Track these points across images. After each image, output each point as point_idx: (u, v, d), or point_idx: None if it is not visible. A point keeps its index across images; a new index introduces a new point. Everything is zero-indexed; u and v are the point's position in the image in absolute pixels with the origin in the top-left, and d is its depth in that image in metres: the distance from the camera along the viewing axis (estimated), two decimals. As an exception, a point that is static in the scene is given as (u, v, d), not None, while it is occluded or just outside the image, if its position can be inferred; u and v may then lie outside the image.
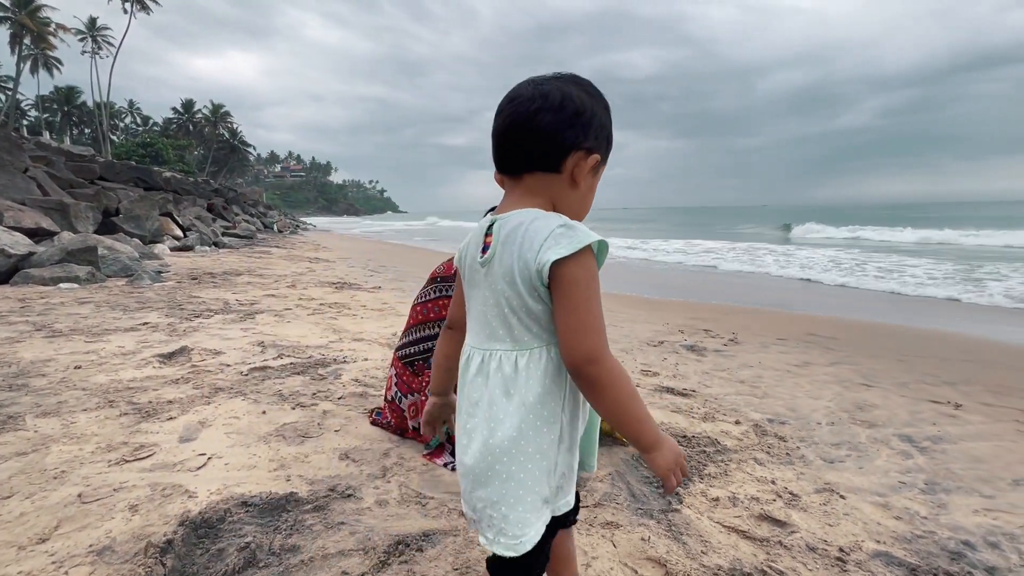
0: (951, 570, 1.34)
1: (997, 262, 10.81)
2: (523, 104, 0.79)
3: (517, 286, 0.77)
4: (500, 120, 0.82)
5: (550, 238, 0.74)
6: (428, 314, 1.91)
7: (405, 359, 1.94)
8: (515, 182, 0.83)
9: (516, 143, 0.81)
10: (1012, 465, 2.07)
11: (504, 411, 0.78)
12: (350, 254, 12.20)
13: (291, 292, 5.54)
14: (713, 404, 2.61)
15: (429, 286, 1.94)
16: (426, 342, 1.90)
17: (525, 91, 0.81)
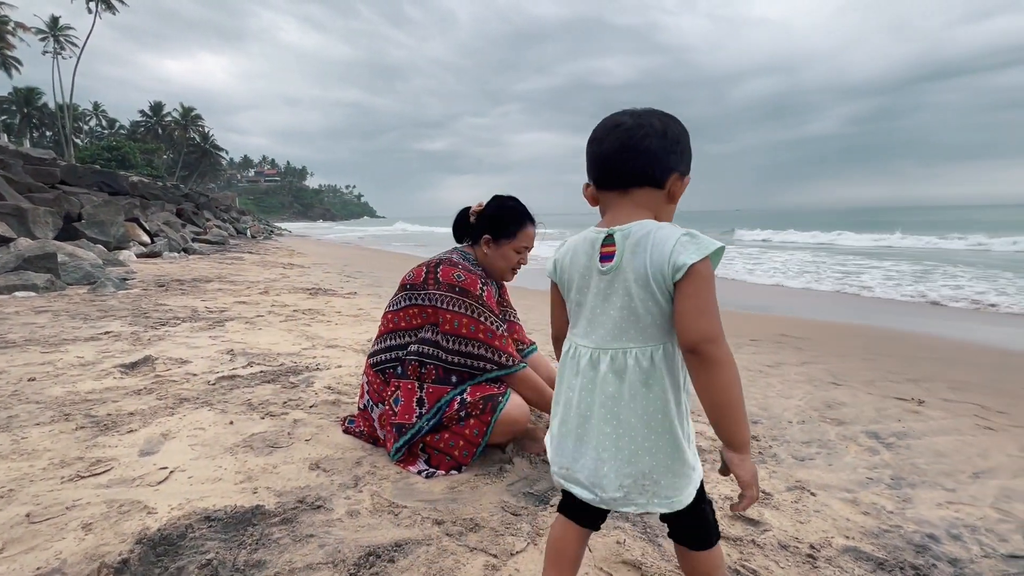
0: (916, 563, 1.37)
1: (953, 264, 11.29)
2: (631, 131, 0.92)
3: (650, 287, 0.88)
4: (607, 143, 0.94)
5: (678, 245, 0.86)
6: (399, 322, 1.88)
7: (376, 367, 1.90)
8: (623, 196, 0.95)
9: (628, 162, 0.92)
10: (972, 458, 2.15)
11: (647, 399, 0.90)
12: (326, 259, 12.00)
13: (263, 299, 5.41)
14: (689, 405, 2.63)
15: (400, 294, 1.90)
16: (396, 351, 1.87)
17: (627, 120, 0.93)
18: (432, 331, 1.80)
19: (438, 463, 1.74)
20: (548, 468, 1.77)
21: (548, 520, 1.47)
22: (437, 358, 1.78)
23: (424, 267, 1.88)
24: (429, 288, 1.81)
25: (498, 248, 1.89)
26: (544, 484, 1.68)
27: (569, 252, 0.99)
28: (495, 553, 1.31)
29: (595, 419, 0.93)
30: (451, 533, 1.38)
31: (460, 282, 1.79)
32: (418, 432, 1.73)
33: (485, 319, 1.78)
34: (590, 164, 0.97)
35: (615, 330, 0.92)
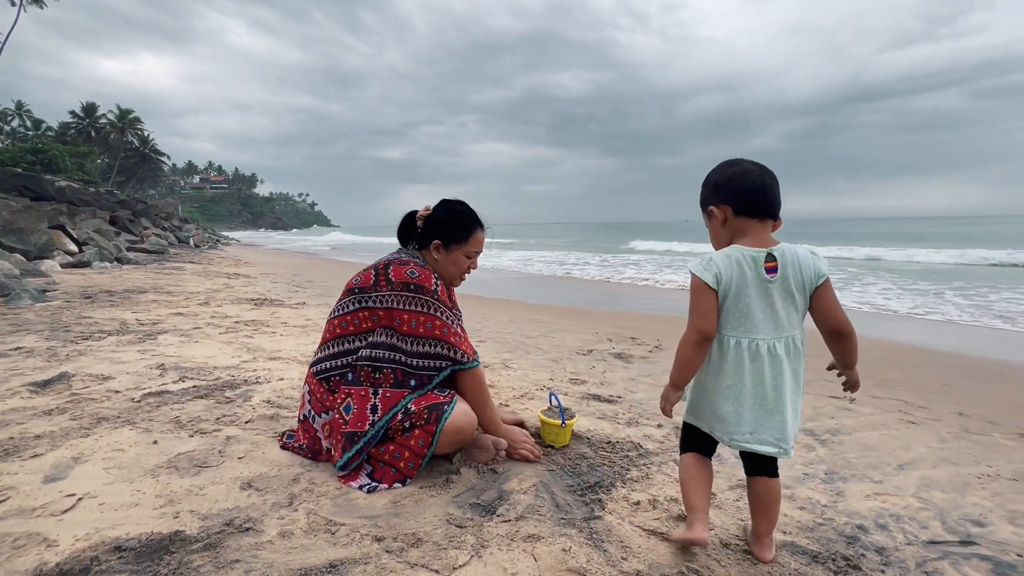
0: (847, 553, 1.42)
1: (875, 272, 12.15)
2: (773, 175, 1.28)
3: (804, 290, 1.27)
4: (767, 180, 1.27)
5: (816, 260, 1.27)
6: (347, 328, 1.80)
7: (320, 375, 1.81)
8: (762, 224, 1.28)
9: (775, 197, 1.28)
10: (897, 451, 2.27)
11: (802, 371, 1.30)
12: (275, 269, 11.53)
13: (203, 310, 5.11)
14: (637, 409, 2.67)
15: (346, 298, 1.83)
16: (344, 357, 1.79)
17: (762, 166, 1.29)
18: (387, 334, 1.74)
19: (382, 476, 1.67)
20: (493, 477, 1.75)
21: (494, 531, 1.43)
22: (396, 361, 1.72)
23: (372, 270, 1.81)
24: (381, 290, 1.75)
25: (448, 254, 1.86)
26: (491, 494, 1.64)
27: (732, 266, 1.25)
28: (437, 569, 1.26)
29: (788, 391, 1.27)
30: (391, 550, 1.32)
31: (414, 279, 1.74)
32: (371, 439, 1.66)
33: (442, 315, 1.73)
34: (739, 194, 1.27)
35: (784, 323, 1.26)
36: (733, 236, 1.29)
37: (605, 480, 1.78)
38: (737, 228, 1.28)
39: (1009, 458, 2.26)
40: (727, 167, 1.30)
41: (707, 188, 1.32)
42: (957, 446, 2.37)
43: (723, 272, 1.23)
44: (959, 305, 7.81)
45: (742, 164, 1.29)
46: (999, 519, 1.70)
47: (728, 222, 1.28)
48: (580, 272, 13.40)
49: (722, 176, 1.29)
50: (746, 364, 1.26)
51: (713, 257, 1.27)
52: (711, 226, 1.34)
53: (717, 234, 1.33)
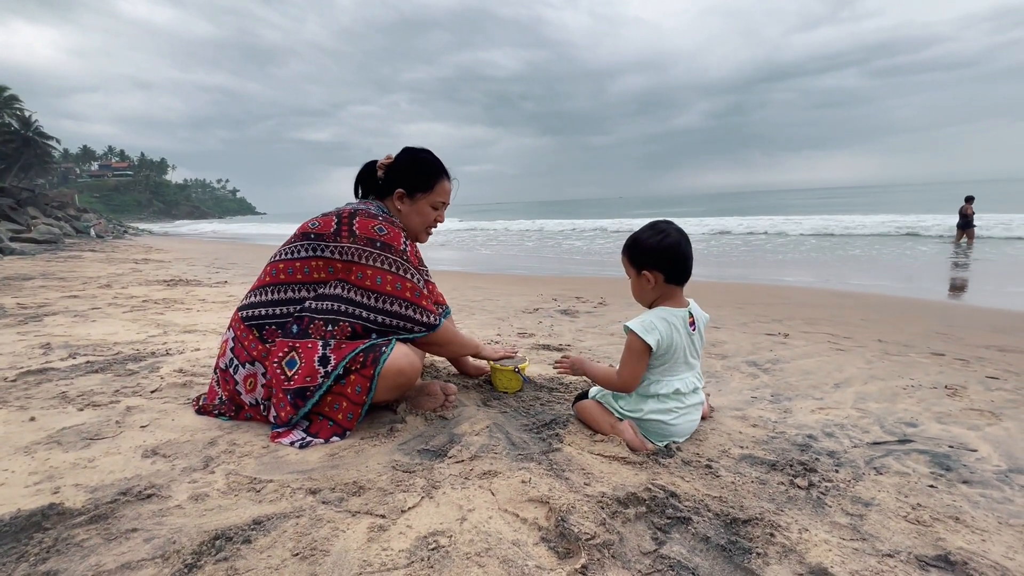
0: (802, 459, 1.43)
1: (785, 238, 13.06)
2: (688, 240, 1.50)
3: (703, 337, 1.57)
4: (690, 250, 1.49)
5: (703, 310, 1.59)
6: (294, 274, 1.58)
7: (250, 320, 1.58)
8: (679, 287, 1.52)
9: (691, 266, 1.51)
10: (832, 373, 2.37)
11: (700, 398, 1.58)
12: (191, 255, 10.56)
13: (103, 292, 4.52)
14: (587, 355, 2.62)
15: (298, 243, 1.60)
16: (286, 306, 1.57)
17: (681, 233, 1.49)
18: (343, 287, 1.56)
19: (318, 430, 1.49)
20: (442, 423, 1.62)
21: (446, 472, 1.30)
22: (355, 316, 1.55)
23: (334, 217, 1.61)
24: (342, 240, 1.56)
25: (413, 203, 1.73)
26: (441, 439, 1.51)
27: (670, 329, 1.46)
28: (382, 514, 1.11)
29: (687, 411, 1.52)
30: (328, 501, 1.15)
31: (382, 236, 1.58)
32: (325, 392, 1.48)
33: (411, 276, 1.59)
34: (670, 266, 1.46)
35: (693, 366, 1.54)
36: (659, 297, 1.51)
37: (561, 417, 1.70)
38: (664, 292, 1.50)
39: (926, 371, 2.43)
40: (660, 236, 1.46)
41: (641, 252, 1.49)
42: (882, 365, 2.52)
43: (663, 336, 1.44)
44: (858, 259, 8.52)
45: (671, 235, 1.46)
46: (928, 420, 1.80)
47: (657, 286, 1.48)
48: (523, 243, 13.37)
49: (657, 246, 1.46)
50: (682, 400, 1.51)
51: (654, 322, 1.44)
52: (640, 284, 1.52)
53: (644, 292, 1.53)
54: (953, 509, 1.20)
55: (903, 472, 1.39)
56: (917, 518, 1.15)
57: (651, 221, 1.53)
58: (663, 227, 1.49)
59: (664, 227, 1.49)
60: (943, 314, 4.09)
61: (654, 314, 1.48)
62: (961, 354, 2.78)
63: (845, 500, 1.23)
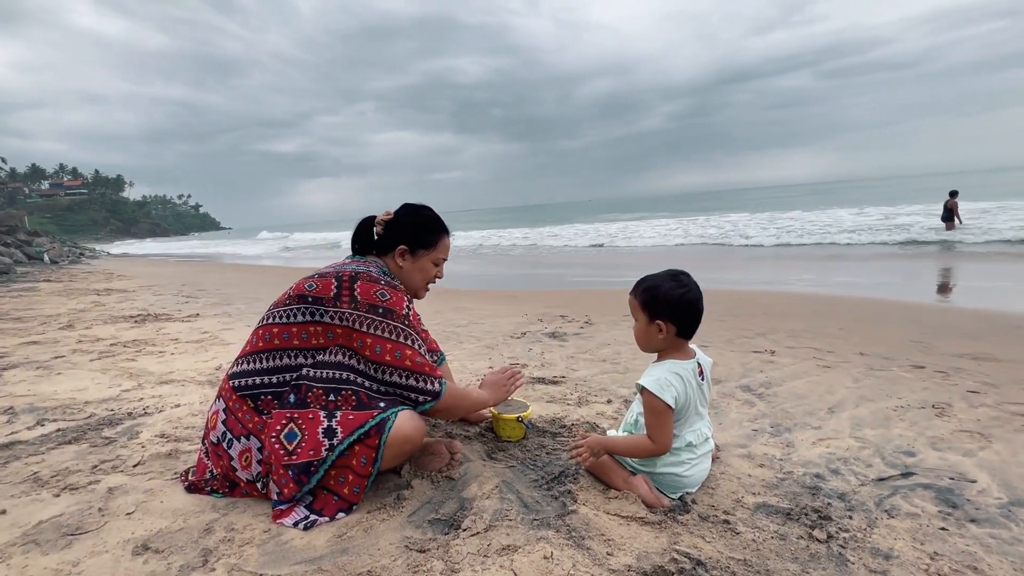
0: (815, 505, 1.44)
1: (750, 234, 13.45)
2: (701, 295, 1.49)
3: (710, 384, 1.58)
4: (702, 304, 1.48)
5: (707, 355, 1.58)
6: (290, 340, 1.50)
7: (244, 390, 1.49)
8: (688, 340, 1.52)
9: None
10: (824, 396, 2.42)
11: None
12: (157, 280, 10.14)
13: (66, 335, 4.27)
14: (583, 387, 2.61)
15: (296, 305, 1.52)
16: (282, 373, 1.49)
17: (697, 287, 1.48)
18: (344, 354, 1.49)
19: (323, 507, 1.41)
20: (450, 485, 1.56)
21: (463, 549, 1.25)
22: (357, 384, 1.48)
23: (333, 279, 1.54)
24: (342, 306, 1.49)
25: (415, 260, 1.70)
26: (451, 505, 1.45)
27: (683, 385, 1.45)
28: (403, 609, 1.06)
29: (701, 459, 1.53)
30: (344, 597, 1.09)
31: (384, 302, 1.52)
32: (330, 466, 1.41)
33: (412, 343, 1.53)
34: (686, 320, 1.47)
35: (705, 410, 1.56)
36: (668, 348, 1.51)
37: (569, 468, 1.66)
38: (673, 343, 1.50)
39: (911, 388, 2.50)
40: (681, 289, 1.45)
41: (658, 302, 1.46)
42: (868, 383, 2.58)
43: (679, 393, 1.43)
44: (830, 258, 8.82)
45: (692, 289, 1.46)
46: (924, 446, 1.84)
47: (667, 337, 1.47)
48: (501, 256, 13.36)
49: (678, 299, 1.44)
50: (696, 448, 1.51)
51: (668, 379, 1.43)
52: (649, 331, 1.50)
53: (651, 340, 1.51)
54: (969, 556, 1.22)
55: (913, 513, 1.41)
56: (938, 571, 1.16)
57: (669, 270, 1.51)
58: (684, 280, 1.47)
59: (685, 280, 1.47)
60: (915, 319, 4.24)
61: (664, 369, 1.46)
62: (939, 365, 2.88)
63: (865, 553, 1.24)
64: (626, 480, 1.51)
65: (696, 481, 1.52)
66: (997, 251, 8.75)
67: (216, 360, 3.23)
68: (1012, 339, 3.48)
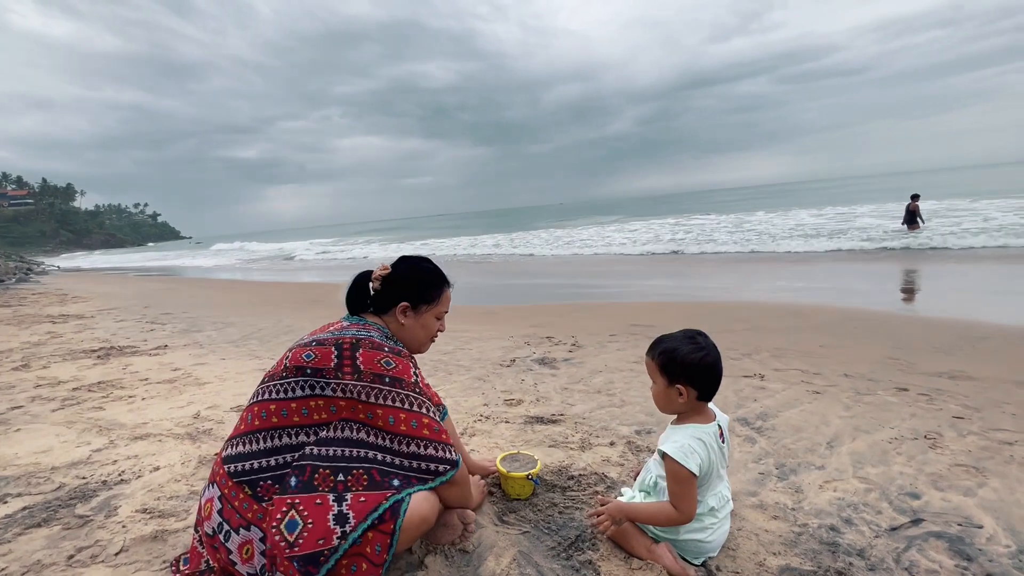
0: (838, 567, 1.43)
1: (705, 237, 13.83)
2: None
3: (729, 443, 1.55)
4: (720, 364, 1.45)
5: (722, 411, 1.58)
6: (289, 416, 1.39)
7: (240, 476, 1.38)
8: (708, 402, 1.51)
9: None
10: (820, 428, 2.45)
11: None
12: (117, 301, 9.62)
13: (22, 378, 3.98)
14: (584, 427, 2.57)
15: (294, 379, 1.42)
16: (282, 454, 1.38)
17: (715, 348, 1.46)
18: (351, 428, 1.39)
19: (332, 598, 1.32)
20: (465, 560, 1.50)
21: (489, 644, 1.19)
22: (368, 460, 1.39)
23: (333, 348, 1.44)
24: (344, 377, 1.40)
25: (418, 317, 1.63)
26: (469, 585, 1.39)
27: (706, 450, 1.43)
28: None
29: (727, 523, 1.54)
30: None
31: (390, 370, 1.44)
32: (342, 556, 1.31)
33: (427, 411, 1.45)
34: (707, 384, 1.45)
35: (726, 472, 1.57)
36: (689, 412, 1.50)
37: (586, 531, 1.62)
38: (694, 407, 1.49)
39: (900, 415, 2.56)
40: (700, 352, 1.42)
41: (677, 366, 1.44)
42: (860, 411, 2.64)
43: (703, 459, 1.41)
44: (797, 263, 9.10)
45: (710, 352, 1.43)
46: (925, 486, 1.88)
47: (688, 401, 1.46)
48: (476, 265, 13.28)
49: (697, 363, 1.42)
50: (717, 510, 1.49)
51: (692, 446, 1.41)
52: (668, 395, 1.47)
53: (671, 403, 1.49)
54: (994, 622, 1.23)
55: (932, 570, 1.43)
56: (969, 643, 1.17)
57: (686, 331, 1.49)
58: (702, 343, 1.45)
59: (703, 343, 1.45)
60: (887, 331, 4.38)
61: (687, 435, 1.44)
62: (921, 386, 2.97)
63: (895, 624, 1.23)
64: (649, 549, 1.47)
65: (718, 545, 1.50)
66: (957, 254, 9.22)
67: (193, 406, 3.05)
68: (979, 353, 3.64)
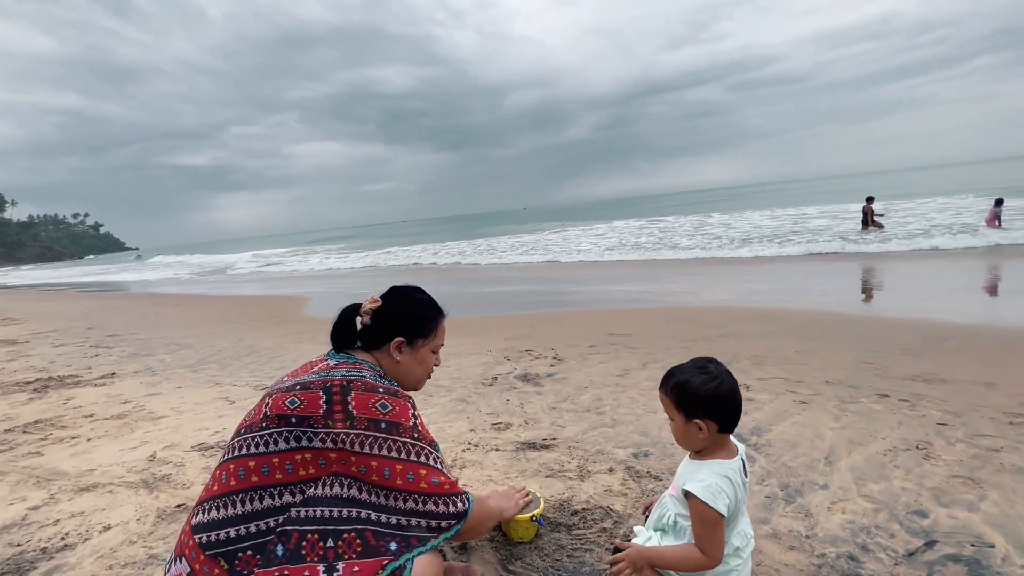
0: (866, 604, 1.37)
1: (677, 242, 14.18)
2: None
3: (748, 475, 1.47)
4: (737, 391, 1.35)
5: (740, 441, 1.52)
6: (271, 473, 1.21)
7: (215, 548, 1.18)
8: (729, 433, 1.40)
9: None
10: (814, 442, 2.43)
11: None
12: (55, 322, 8.86)
13: (-58, 418, 3.53)
14: (579, 451, 2.47)
15: (275, 429, 1.23)
16: (263, 519, 1.19)
17: (730, 375, 1.36)
18: (340, 484, 1.23)
19: None
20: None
21: None
22: (363, 520, 1.22)
23: (321, 391, 1.27)
24: (335, 425, 1.23)
25: (414, 352, 1.49)
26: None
27: (733, 489, 1.33)
28: None
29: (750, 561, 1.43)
30: None
31: (386, 414, 1.28)
32: None
33: (426, 458, 1.30)
34: (726, 415, 1.34)
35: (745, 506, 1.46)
36: (711, 446, 1.39)
37: (597, 575, 1.51)
38: (716, 440, 1.38)
39: (888, 423, 2.59)
40: (713, 382, 1.33)
41: (692, 400, 1.35)
42: (848, 421, 2.64)
43: (731, 499, 1.32)
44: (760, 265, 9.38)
45: (724, 380, 1.34)
46: (930, 502, 1.87)
47: (709, 435, 1.36)
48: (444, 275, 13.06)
49: (712, 394, 1.33)
50: (742, 550, 1.39)
51: (720, 485, 1.32)
52: (688, 431, 1.37)
53: (693, 439, 1.38)
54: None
55: (958, 601, 1.39)
56: None
57: (695, 360, 1.40)
58: (713, 371, 1.35)
59: (714, 371, 1.36)
60: (856, 334, 4.49)
61: (713, 472, 1.34)
62: (900, 392, 3.02)
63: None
64: None
65: None
66: (906, 254, 9.72)
67: (148, 446, 2.76)
68: (944, 354, 3.77)
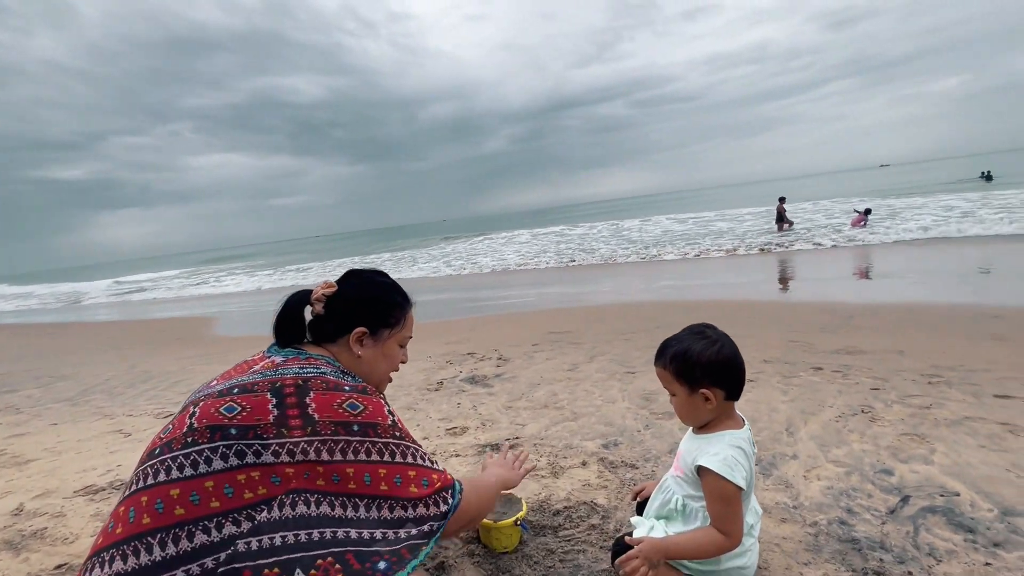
0: (873, 567, 1.34)
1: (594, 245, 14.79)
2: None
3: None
4: (739, 354, 1.24)
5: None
6: (203, 502, 0.91)
7: None
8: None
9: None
10: (770, 415, 2.47)
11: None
12: None
13: None
14: (545, 448, 2.31)
15: (209, 444, 0.94)
16: (197, 561, 0.88)
17: (730, 339, 1.26)
18: (305, 501, 0.96)
19: None
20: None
21: None
22: (338, 541, 0.96)
23: (269, 394, 1.00)
24: (290, 434, 0.97)
25: (378, 345, 1.25)
26: None
27: (747, 458, 1.22)
28: None
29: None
30: None
31: (358, 415, 1.05)
32: None
33: (411, 457, 1.09)
34: (733, 381, 1.23)
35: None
36: (719, 417, 1.28)
37: (600, 579, 1.35)
38: (724, 410, 1.27)
39: (829, 392, 2.71)
40: (715, 346, 1.22)
41: (695, 368, 1.22)
42: (796, 394, 2.73)
43: (747, 471, 1.23)
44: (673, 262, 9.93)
45: (725, 343, 1.23)
46: (891, 460, 1.93)
47: (716, 405, 1.24)
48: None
49: (715, 359, 1.22)
50: (752, 526, 1.31)
51: (736, 457, 1.21)
52: (693, 403, 1.25)
53: (699, 412, 1.26)
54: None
55: (951, 550, 1.40)
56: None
57: (690, 327, 1.28)
58: (712, 335, 1.24)
59: (713, 335, 1.24)
60: (777, 317, 4.80)
61: (725, 444, 1.23)
62: (831, 364, 3.21)
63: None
64: None
65: (754, 568, 1.32)
66: (811, 248, 10.77)
67: (14, 497, 2.19)
68: (857, 329, 4.11)
